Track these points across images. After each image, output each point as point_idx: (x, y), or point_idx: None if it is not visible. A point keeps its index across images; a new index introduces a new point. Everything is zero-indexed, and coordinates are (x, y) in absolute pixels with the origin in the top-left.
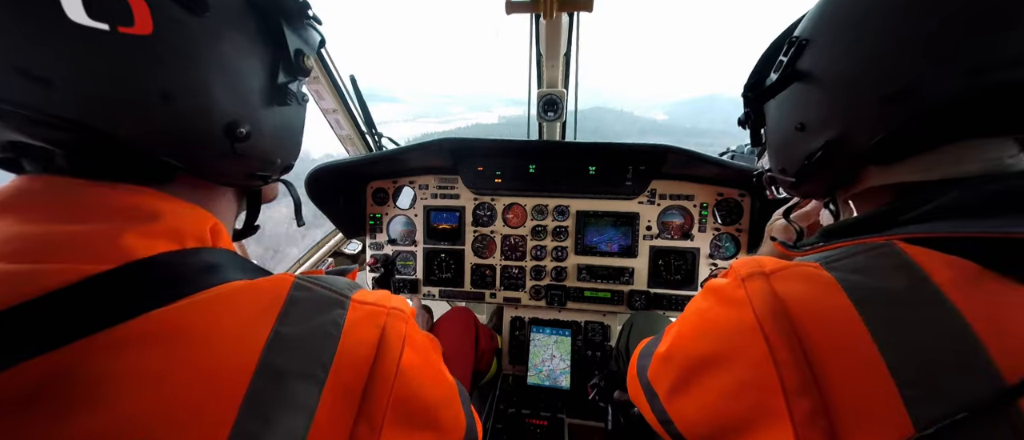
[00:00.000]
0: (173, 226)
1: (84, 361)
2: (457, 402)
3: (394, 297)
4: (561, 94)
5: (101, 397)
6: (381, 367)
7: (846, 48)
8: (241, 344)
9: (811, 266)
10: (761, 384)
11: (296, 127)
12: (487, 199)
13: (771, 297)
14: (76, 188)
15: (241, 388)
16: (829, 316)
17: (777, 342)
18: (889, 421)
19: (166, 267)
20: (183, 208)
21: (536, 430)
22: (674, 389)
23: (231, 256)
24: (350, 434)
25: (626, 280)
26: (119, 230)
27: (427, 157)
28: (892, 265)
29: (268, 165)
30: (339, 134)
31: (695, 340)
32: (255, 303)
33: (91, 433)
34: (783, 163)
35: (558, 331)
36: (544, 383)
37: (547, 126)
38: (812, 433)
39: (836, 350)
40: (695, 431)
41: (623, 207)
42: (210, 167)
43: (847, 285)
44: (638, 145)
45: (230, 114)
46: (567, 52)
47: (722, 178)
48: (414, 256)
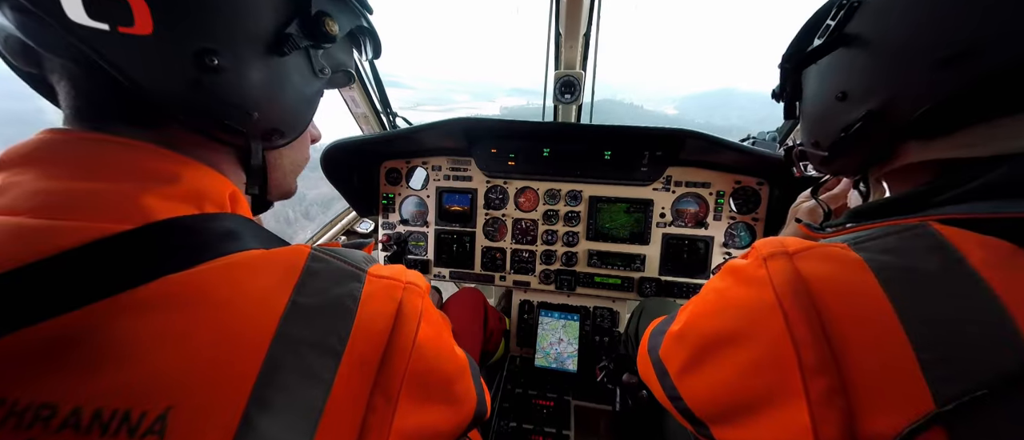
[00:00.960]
0: (193, 189)
1: (108, 321)
2: (468, 376)
3: (409, 271)
4: (579, 76)
5: (127, 355)
6: (398, 340)
7: (902, 8)
8: (259, 312)
9: (838, 247)
10: (777, 362)
11: (296, 91)
12: (500, 182)
13: (793, 276)
14: (98, 146)
15: (259, 356)
16: (852, 293)
17: (796, 319)
18: (909, 397)
19: (187, 230)
20: (202, 172)
21: (542, 410)
22: (686, 367)
23: (249, 224)
24: (367, 405)
25: (637, 267)
26: (140, 190)
27: (441, 138)
28: (926, 246)
29: (244, 117)
30: (355, 112)
31: (711, 318)
32: (272, 272)
33: (118, 388)
34: (817, 136)
35: (567, 316)
36: (551, 366)
37: (562, 109)
38: (828, 412)
39: (857, 325)
40: (705, 409)
41: (637, 194)
42: (178, 98)
43: (875, 265)
44: (656, 129)
45: (207, 40)
46: (587, 32)
47: (741, 165)
48: (425, 237)
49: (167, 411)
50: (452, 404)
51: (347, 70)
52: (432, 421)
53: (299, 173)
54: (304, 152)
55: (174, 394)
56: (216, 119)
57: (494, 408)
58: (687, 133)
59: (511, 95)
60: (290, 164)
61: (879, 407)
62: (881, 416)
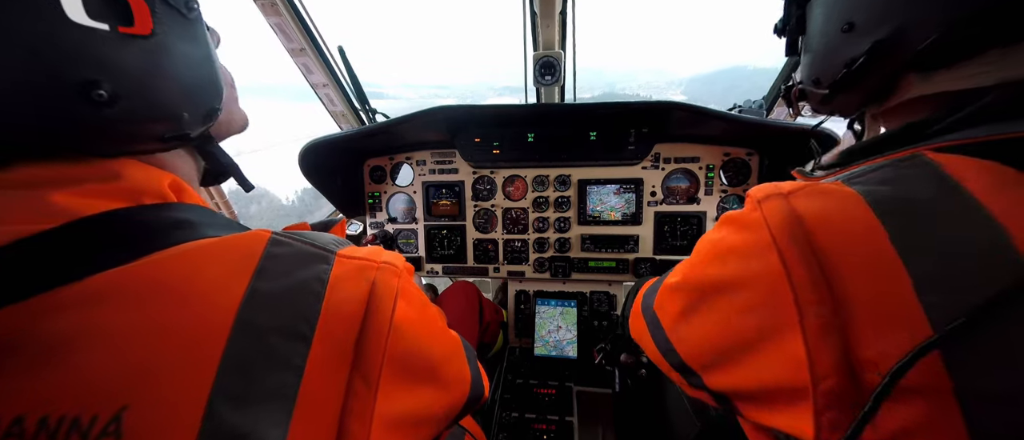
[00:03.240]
0: (125, 186)
1: (42, 321)
2: (461, 357)
3: (386, 252)
4: (558, 56)
5: (67, 356)
6: (373, 322)
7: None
8: (214, 301)
9: (833, 184)
10: (773, 300)
11: (192, 59)
12: (486, 172)
13: (788, 214)
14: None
15: (218, 347)
16: (848, 226)
17: (791, 256)
18: (905, 324)
19: (124, 224)
20: (135, 168)
21: (544, 398)
22: (681, 315)
23: (204, 212)
24: (346, 390)
25: (631, 248)
26: (52, 191)
27: (422, 130)
28: (922, 175)
29: (175, 121)
30: (332, 110)
31: (706, 266)
32: (227, 259)
33: (63, 392)
34: (818, 72)
35: (563, 303)
36: (551, 353)
37: (545, 91)
38: (823, 343)
39: (853, 257)
40: (699, 356)
41: (626, 173)
42: (100, 141)
43: (871, 198)
44: (640, 103)
45: (77, 71)
46: (563, 10)
47: (729, 136)
48: (416, 233)
49: (121, 412)
50: (442, 386)
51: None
52: (420, 404)
53: (236, 98)
54: (227, 86)
55: (127, 393)
56: (160, 137)
57: (496, 399)
58: (671, 104)
59: (502, 94)
60: (227, 114)
61: (875, 335)
62: (877, 342)
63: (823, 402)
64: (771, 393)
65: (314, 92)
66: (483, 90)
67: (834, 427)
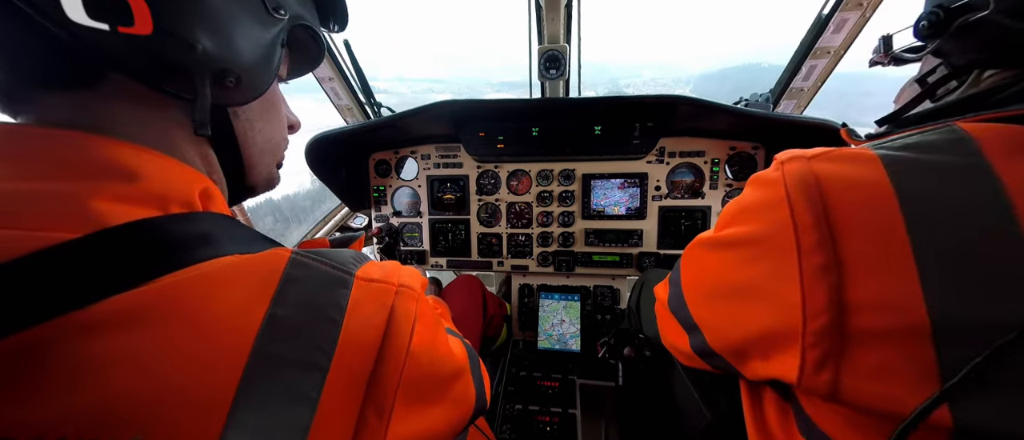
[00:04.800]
0: (154, 189)
1: (64, 342)
2: (467, 374)
3: (404, 270)
4: (563, 49)
5: (87, 380)
6: (389, 350)
7: None
8: (233, 328)
9: (858, 149)
10: (778, 247)
11: (246, 28)
12: (490, 167)
13: (806, 174)
14: (35, 139)
15: (235, 377)
16: (858, 184)
17: (801, 208)
18: (895, 273)
19: (149, 237)
20: (168, 166)
21: (548, 391)
22: (696, 269)
23: (228, 223)
24: (357, 421)
25: (635, 242)
26: (90, 191)
27: (427, 124)
28: (945, 140)
29: (184, 48)
30: (337, 104)
31: (725, 226)
32: (247, 283)
33: (81, 416)
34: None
35: (567, 297)
36: (554, 347)
37: (550, 85)
38: (818, 285)
39: (858, 209)
40: (701, 304)
41: (631, 168)
42: (104, 41)
43: (887, 160)
44: (646, 97)
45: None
46: (569, 3)
47: (734, 130)
48: (420, 227)
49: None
50: (451, 405)
51: (306, 24)
52: (429, 424)
53: (278, 157)
54: (280, 129)
55: (142, 421)
56: (155, 56)
57: (500, 392)
58: (677, 99)
59: (500, 90)
60: (264, 141)
61: (867, 279)
62: (867, 286)
63: (810, 341)
64: (766, 340)
65: (320, 85)
66: (480, 85)
67: (818, 366)
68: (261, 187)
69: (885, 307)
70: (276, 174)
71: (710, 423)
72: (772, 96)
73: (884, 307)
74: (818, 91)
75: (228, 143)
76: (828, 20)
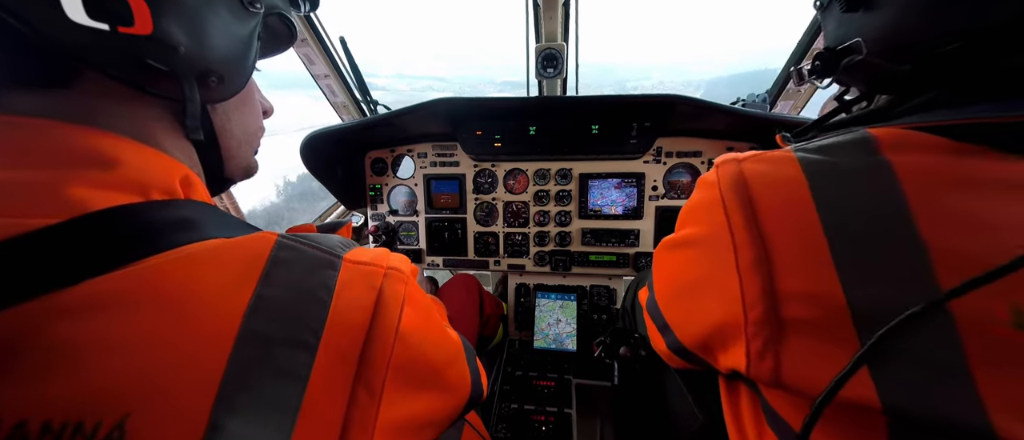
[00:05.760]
0: (133, 176)
1: (46, 324)
2: (462, 360)
3: (393, 255)
4: (560, 48)
5: (72, 361)
6: (378, 330)
7: None
8: (219, 309)
9: (782, 151)
10: (717, 245)
11: (226, 26)
12: (487, 165)
13: (736, 175)
14: (19, 128)
15: (222, 357)
16: (779, 184)
17: (733, 207)
18: (815, 262)
19: (130, 221)
20: (143, 153)
21: (544, 391)
22: (660, 275)
23: (209, 210)
24: (348, 399)
25: (631, 242)
26: (66, 179)
27: (424, 122)
28: (853, 142)
29: (167, 51)
30: (333, 101)
31: (680, 228)
32: (233, 263)
33: (67, 397)
34: (912, 36)
35: (563, 296)
36: (550, 346)
37: (547, 84)
38: (752, 278)
39: (778, 205)
40: (667, 305)
41: (628, 168)
42: (86, 41)
43: (804, 162)
44: (643, 96)
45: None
46: (566, 2)
47: (732, 131)
48: (416, 226)
49: (124, 419)
50: (444, 390)
51: (281, 13)
52: (423, 409)
53: (255, 145)
54: (255, 119)
55: (130, 401)
56: (135, 58)
57: (495, 391)
58: (676, 98)
59: (502, 89)
60: (242, 132)
61: (792, 270)
62: (793, 277)
63: (751, 331)
64: (721, 332)
65: (315, 83)
66: (482, 84)
67: (760, 355)
68: (239, 176)
69: (810, 297)
70: (254, 163)
71: (703, 426)
72: (769, 96)
73: (809, 297)
74: (815, 92)
75: (208, 137)
76: None
